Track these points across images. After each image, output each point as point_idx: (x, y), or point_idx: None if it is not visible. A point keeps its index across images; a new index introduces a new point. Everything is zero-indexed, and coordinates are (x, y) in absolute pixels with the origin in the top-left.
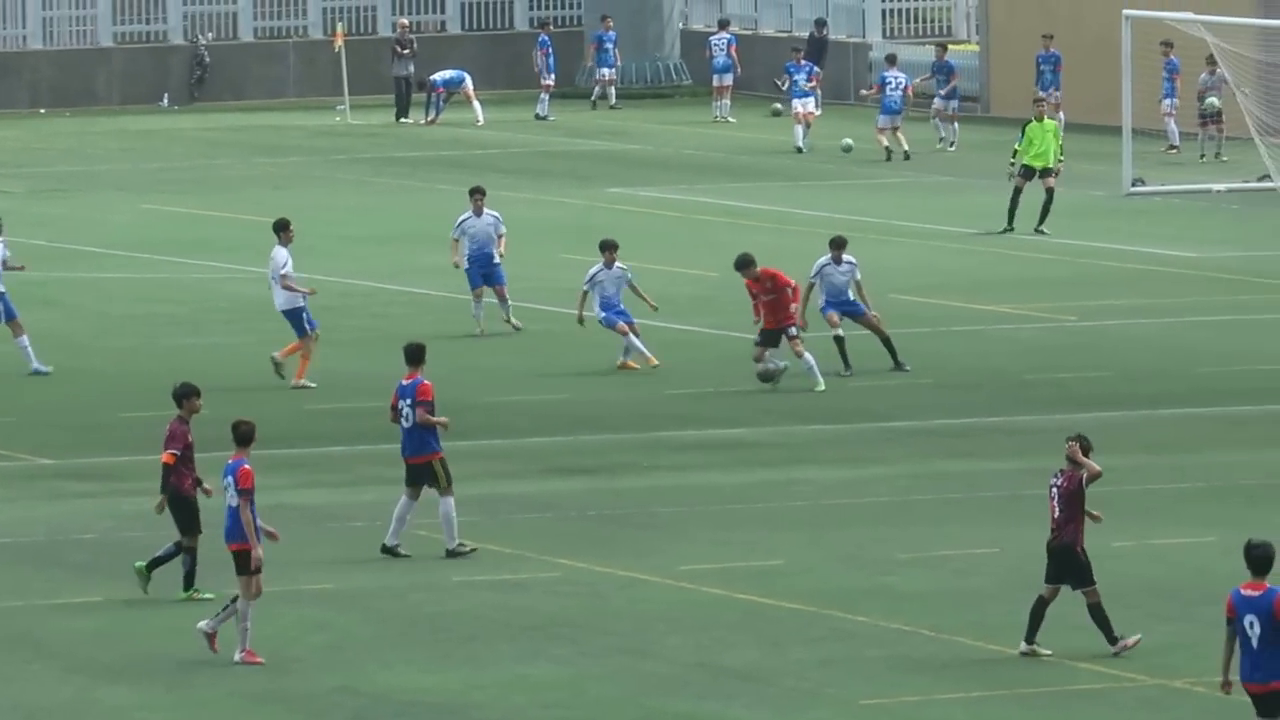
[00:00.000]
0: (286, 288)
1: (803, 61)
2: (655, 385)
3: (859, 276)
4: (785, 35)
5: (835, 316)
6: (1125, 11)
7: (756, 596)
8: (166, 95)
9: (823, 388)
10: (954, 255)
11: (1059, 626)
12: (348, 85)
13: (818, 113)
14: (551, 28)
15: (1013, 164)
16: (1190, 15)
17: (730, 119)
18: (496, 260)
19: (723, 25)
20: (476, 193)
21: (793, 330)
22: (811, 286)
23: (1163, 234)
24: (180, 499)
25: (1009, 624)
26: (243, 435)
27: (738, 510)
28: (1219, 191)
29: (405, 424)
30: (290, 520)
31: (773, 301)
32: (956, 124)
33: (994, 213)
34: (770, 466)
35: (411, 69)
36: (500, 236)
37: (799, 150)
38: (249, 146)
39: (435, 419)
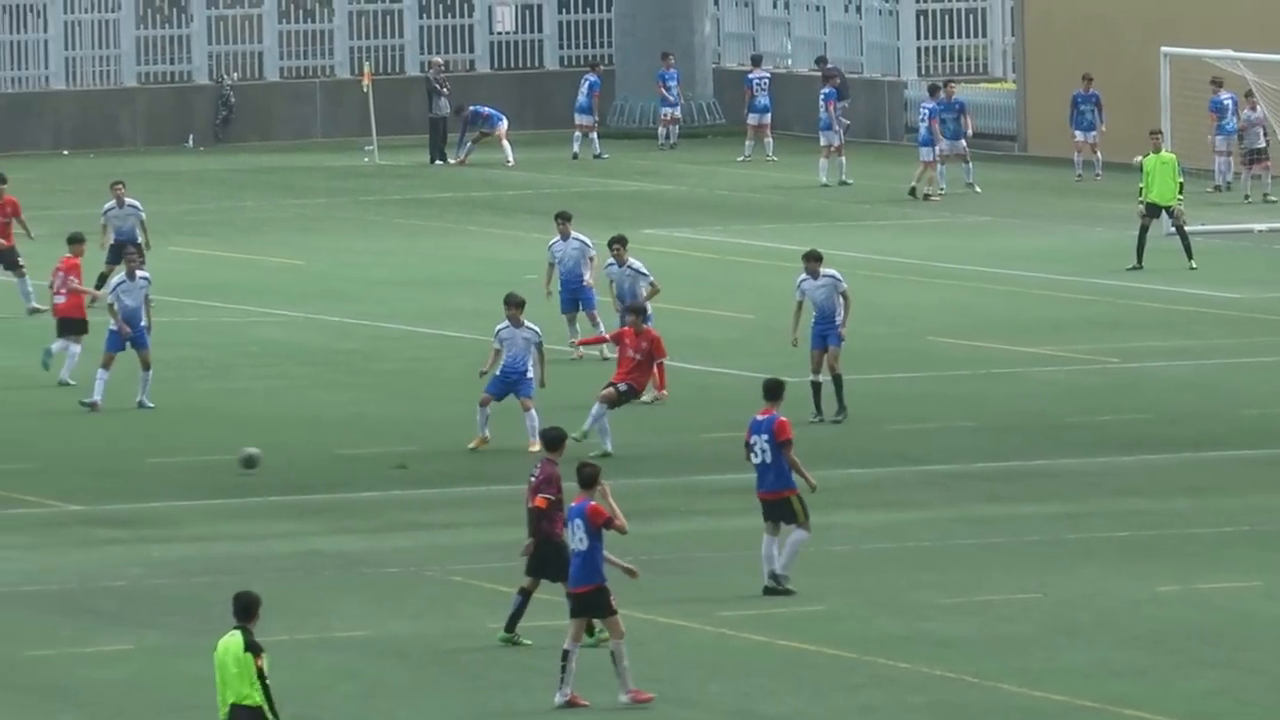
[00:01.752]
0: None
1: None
2: (691, 429)
3: (845, 288)
4: (818, 73)
5: (817, 359)
6: (1163, 49)
7: (796, 643)
8: (192, 136)
9: (583, 433)
10: (992, 297)
11: (1100, 673)
12: (375, 125)
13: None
14: (601, 67)
15: (1141, 202)
16: (1229, 53)
17: (773, 158)
18: (587, 283)
19: (757, 63)
20: (561, 218)
21: (624, 388)
22: (799, 305)
23: (1204, 275)
24: (552, 543)
25: (1052, 670)
26: (587, 477)
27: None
28: (1260, 231)
29: (758, 460)
30: (322, 566)
31: (639, 364)
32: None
33: (1031, 254)
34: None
35: (448, 109)
36: (590, 259)
37: (824, 184)
38: (276, 188)
39: (800, 465)
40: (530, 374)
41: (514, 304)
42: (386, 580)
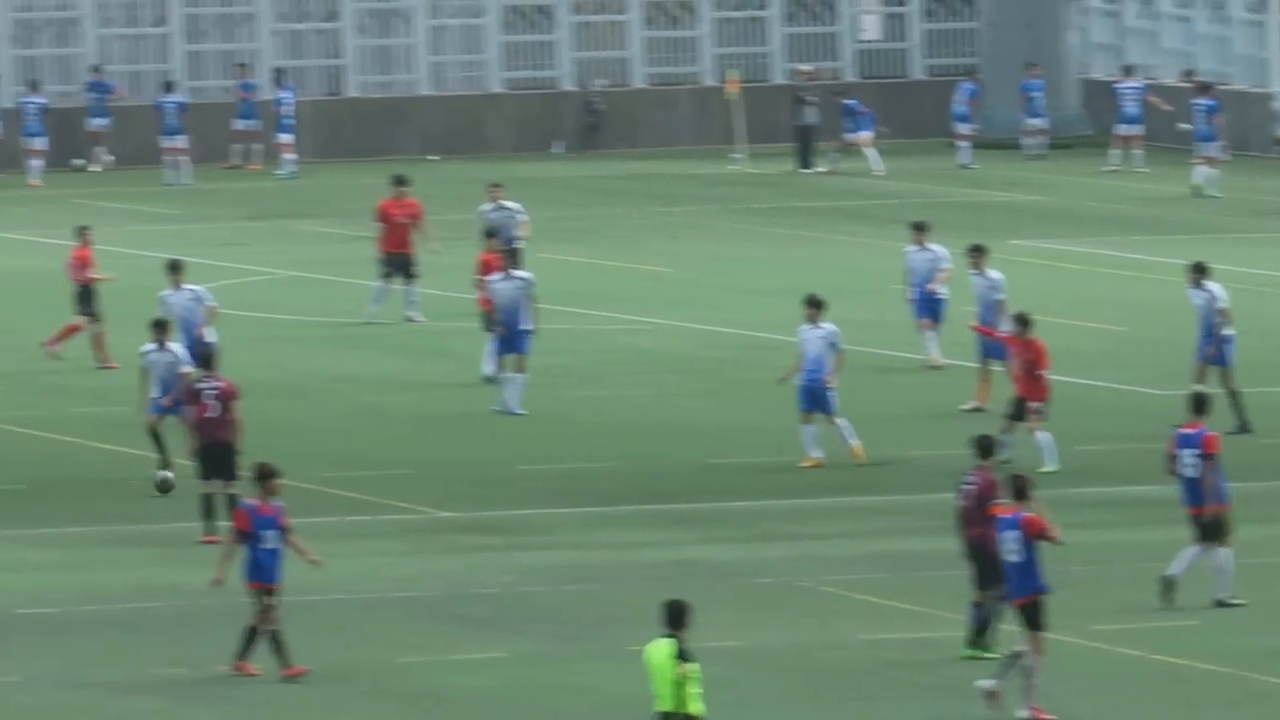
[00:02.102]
0: None
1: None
2: (1063, 441)
3: (1220, 306)
4: (1188, 85)
5: (1198, 370)
6: None
7: (1171, 657)
8: (562, 143)
9: (1050, 469)
10: None
11: None
12: (744, 133)
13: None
14: (978, 75)
15: None
16: None
17: (1143, 169)
18: (929, 289)
19: (1128, 73)
20: (915, 227)
21: (1035, 406)
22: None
23: None
24: (983, 550)
25: None
26: (1020, 488)
27: (1150, 569)
28: None
29: (1187, 474)
30: (694, 576)
31: (1022, 374)
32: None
33: None
34: (1179, 524)
35: (815, 118)
36: (940, 271)
37: (1196, 185)
38: (643, 195)
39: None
40: (828, 381)
41: (809, 303)
42: (759, 590)
